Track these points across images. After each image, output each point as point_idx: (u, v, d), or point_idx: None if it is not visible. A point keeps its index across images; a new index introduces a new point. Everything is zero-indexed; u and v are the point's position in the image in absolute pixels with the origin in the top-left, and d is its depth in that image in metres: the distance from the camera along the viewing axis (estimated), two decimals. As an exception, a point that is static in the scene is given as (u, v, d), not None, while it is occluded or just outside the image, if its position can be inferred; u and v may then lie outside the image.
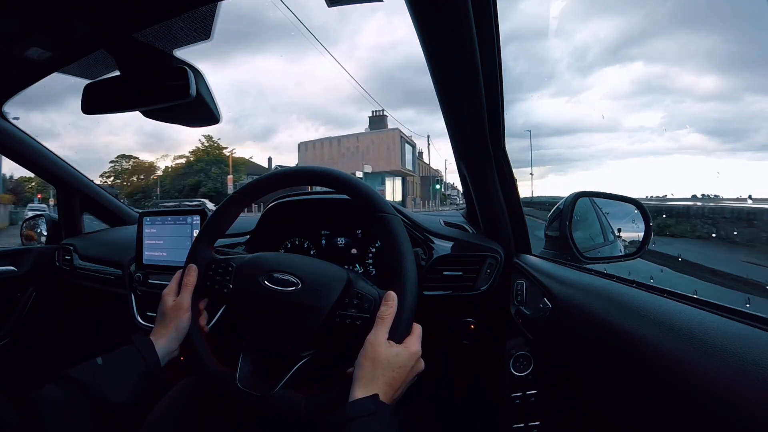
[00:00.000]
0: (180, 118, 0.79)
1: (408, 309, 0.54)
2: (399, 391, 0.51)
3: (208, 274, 0.63)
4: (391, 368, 0.50)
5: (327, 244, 1.03)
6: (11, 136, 1.17)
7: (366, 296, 0.57)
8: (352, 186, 0.62)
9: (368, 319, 0.55)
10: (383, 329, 0.52)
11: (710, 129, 7.00)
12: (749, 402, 0.30)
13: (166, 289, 0.63)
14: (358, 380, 0.50)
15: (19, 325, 1.25)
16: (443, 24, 0.55)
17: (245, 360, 0.58)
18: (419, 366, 0.54)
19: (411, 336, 0.54)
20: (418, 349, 0.54)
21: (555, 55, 59.69)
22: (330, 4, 0.58)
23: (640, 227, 0.81)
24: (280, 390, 0.55)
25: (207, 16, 0.63)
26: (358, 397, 0.47)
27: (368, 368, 0.50)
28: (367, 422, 0.44)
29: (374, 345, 0.51)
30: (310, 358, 0.57)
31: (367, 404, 0.46)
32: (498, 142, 0.82)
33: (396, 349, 0.51)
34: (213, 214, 0.68)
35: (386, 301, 0.54)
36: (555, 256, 0.88)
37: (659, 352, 0.40)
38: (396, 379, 0.50)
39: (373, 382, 0.49)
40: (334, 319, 0.57)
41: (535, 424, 0.72)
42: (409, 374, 0.52)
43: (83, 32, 0.64)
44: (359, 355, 0.51)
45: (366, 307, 0.56)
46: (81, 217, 1.44)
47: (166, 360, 0.58)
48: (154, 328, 0.60)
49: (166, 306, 0.61)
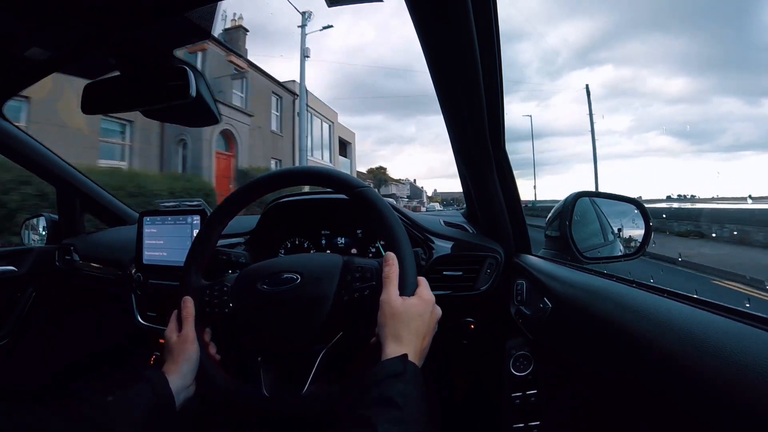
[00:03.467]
0: (180, 118, 0.79)
1: (409, 264, 0.55)
2: (426, 339, 0.52)
3: (204, 301, 0.62)
4: (412, 318, 0.51)
5: (327, 244, 1.03)
6: (11, 136, 1.17)
7: (366, 267, 0.58)
8: (320, 174, 0.63)
9: (374, 286, 0.56)
10: (392, 287, 0.53)
11: (678, 131, 7.06)
12: (749, 402, 0.30)
13: (166, 329, 0.61)
14: (385, 339, 0.50)
15: (19, 325, 1.25)
16: (443, 24, 0.55)
17: (265, 369, 0.57)
18: (437, 312, 0.55)
19: (420, 286, 0.55)
20: (431, 296, 0.55)
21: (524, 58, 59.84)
22: (330, 4, 0.58)
23: (640, 227, 0.82)
24: (310, 388, 0.54)
25: (207, 16, 0.63)
26: (390, 355, 0.48)
27: (391, 326, 0.50)
28: (393, 383, 0.44)
29: (389, 302, 0.52)
30: (330, 348, 0.57)
31: (395, 365, 0.46)
32: (498, 142, 0.82)
33: (411, 300, 0.53)
34: (195, 240, 0.67)
35: (387, 261, 0.55)
36: (555, 256, 0.88)
37: (659, 352, 0.40)
38: (420, 328, 0.51)
39: (400, 338, 0.49)
40: (342, 299, 0.57)
41: (535, 424, 0.72)
42: (430, 321, 0.53)
43: (83, 32, 0.64)
44: (378, 317, 0.52)
45: (368, 277, 0.57)
46: (81, 217, 1.44)
47: (183, 396, 0.56)
48: (165, 367, 0.58)
49: (171, 342, 0.59)
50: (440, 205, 40.99)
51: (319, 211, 1.04)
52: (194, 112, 0.72)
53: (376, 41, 63.30)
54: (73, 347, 1.38)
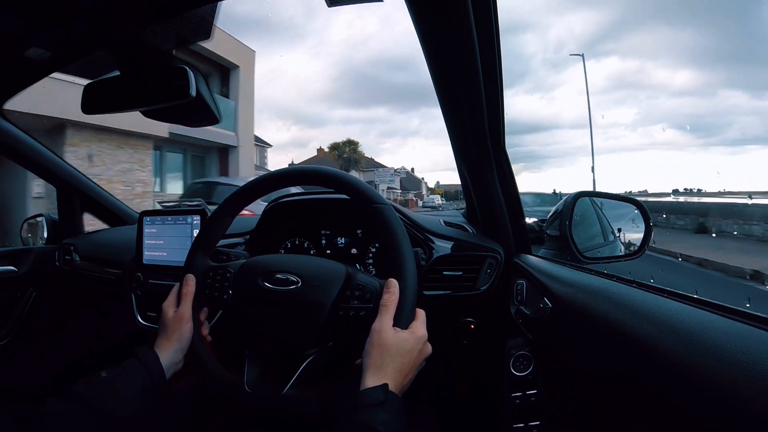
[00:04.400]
0: (180, 118, 0.79)
1: (410, 294, 0.55)
2: (409, 376, 0.52)
3: (206, 282, 0.63)
4: (399, 354, 0.50)
5: (327, 244, 1.03)
6: (11, 136, 1.17)
7: (367, 287, 0.57)
8: (343, 181, 0.62)
9: (371, 309, 0.55)
10: (388, 316, 0.52)
11: (684, 124, 7.05)
12: (749, 402, 0.30)
13: (165, 301, 0.63)
14: (367, 369, 0.50)
15: (19, 325, 1.25)
16: (443, 24, 0.55)
17: (251, 364, 0.58)
18: (427, 350, 0.55)
19: (416, 321, 0.55)
20: (424, 332, 0.54)
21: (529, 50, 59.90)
22: (330, 4, 0.58)
23: (640, 227, 0.82)
24: (290, 390, 0.54)
25: (207, 16, 0.63)
26: (369, 385, 0.47)
27: (377, 356, 0.50)
28: (375, 411, 0.44)
29: (380, 332, 0.51)
30: (317, 355, 0.57)
31: (377, 393, 0.46)
32: (498, 142, 0.82)
33: (402, 335, 0.52)
34: (206, 223, 0.68)
35: (388, 288, 0.54)
36: (555, 256, 0.88)
37: (659, 351, 0.40)
38: (405, 365, 0.51)
39: (382, 369, 0.49)
40: (337, 312, 0.57)
41: (535, 424, 0.72)
42: (417, 358, 0.53)
43: (83, 32, 0.65)
44: (366, 344, 0.51)
45: (368, 298, 0.57)
46: (81, 217, 1.44)
47: (171, 371, 0.58)
48: (157, 341, 0.59)
49: (167, 318, 0.60)
50: (441, 198, 38.61)
51: (319, 211, 1.04)
52: (194, 112, 0.72)
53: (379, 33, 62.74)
54: (73, 347, 1.37)
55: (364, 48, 61.40)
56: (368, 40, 60.11)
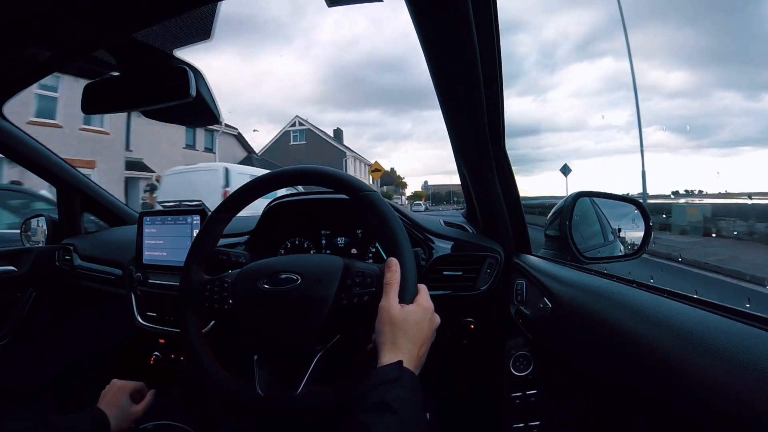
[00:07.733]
0: (180, 118, 0.79)
1: (410, 270, 0.55)
2: (423, 347, 0.52)
3: (204, 296, 0.62)
4: (410, 326, 0.51)
5: (327, 243, 1.03)
6: (11, 136, 1.17)
7: (366, 272, 0.58)
8: (326, 175, 0.63)
9: (374, 292, 0.56)
10: (393, 293, 0.53)
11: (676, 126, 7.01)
12: (749, 402, 0.30)
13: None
14: (382, 347, 0.50)
15: (19, 325, 1.25)
16: (444, 24, 0.55)
17: (260, 367, 0.58)
18: (435, 320, 0.55)
19: (420, 294, 0.55)
20: (430, 304, 0.55)
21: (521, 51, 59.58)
22: (330, 4, 0.58)
23: (640, 227, 0.81)
24: (305, 388, 0.54)
25: (207, 16, 0.63)
26: (385, 362, 0.48)
27: (389, 333, 0.50)
28: (389, 388, 0.44)
29: (389, 309, 0.52)
30: (327, 350, 0.57)
31: (391, 371, 0.46)
32: (498, 142, 0.82)
33: (410, 308, 0.53)
34: (198, 236, 0.68)
35: (389, 267, 0.55)
36: (555, 256, 0.88)
37: (659, 351, 0.40)
38: (417, 336, 0.51)
39: (396, 344, 0.49)
40: (341, 302, 0.57)
41: (535, 424, 0.72)
42: (428, 329, 0.53)
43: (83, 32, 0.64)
44: (376, 323, 0.52)
45: (369, 282, 0.57)
46: (81, 217, 1.44)
47: None
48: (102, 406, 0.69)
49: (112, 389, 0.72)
50: (427, 202, 36.79)
51: (319, 211, 1.04)
52: (194, 112, 0.72)
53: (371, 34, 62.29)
54: (73, 347, 1.37)
55: (353, 49, 61.23)
56: (359, 40, 59.92)
